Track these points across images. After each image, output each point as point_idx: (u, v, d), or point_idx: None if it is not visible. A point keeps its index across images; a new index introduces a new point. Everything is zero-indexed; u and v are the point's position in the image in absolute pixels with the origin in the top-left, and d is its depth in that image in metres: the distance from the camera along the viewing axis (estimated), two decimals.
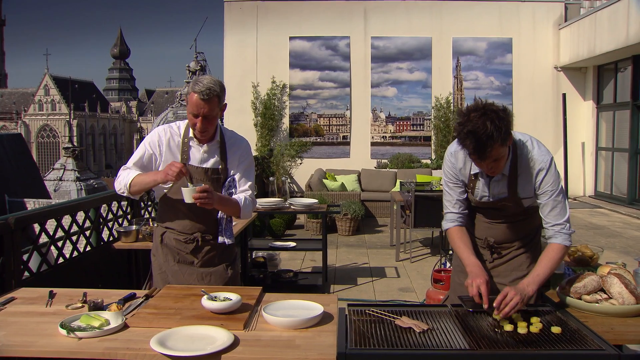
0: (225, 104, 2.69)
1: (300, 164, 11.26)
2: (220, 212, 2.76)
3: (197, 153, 2.71)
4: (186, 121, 2.74)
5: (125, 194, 2.69)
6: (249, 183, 2.80)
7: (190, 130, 2.70)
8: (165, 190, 2.74)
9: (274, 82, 12.50)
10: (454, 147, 2.54)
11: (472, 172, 2.52)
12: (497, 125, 2.17)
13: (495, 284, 2.56)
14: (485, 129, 2.16)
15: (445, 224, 2.63)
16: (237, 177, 2.77)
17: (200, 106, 2.53)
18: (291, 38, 12.66)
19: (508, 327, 2.08)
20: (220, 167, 2.73)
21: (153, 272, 2.86)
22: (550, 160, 2.42)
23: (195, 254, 2.77)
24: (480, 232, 2.68)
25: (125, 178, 2.65)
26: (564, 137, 12.16)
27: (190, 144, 2.71)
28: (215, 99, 2.56)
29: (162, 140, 2.71)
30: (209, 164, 2.72)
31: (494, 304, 2.17)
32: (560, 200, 2.42)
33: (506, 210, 2.56)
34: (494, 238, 2.63)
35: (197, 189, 2.48)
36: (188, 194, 2.49)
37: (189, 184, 2.56)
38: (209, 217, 2.75)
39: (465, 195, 2.59)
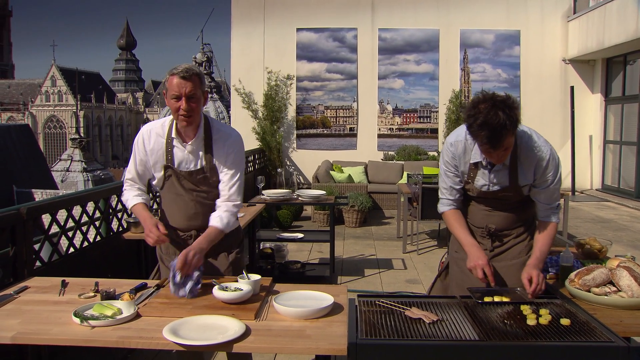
0: (207, 91, 2.59)
1: (294, 151, 11.31)
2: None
3: (180, 153, 2.61)
4: (170, 117, 2.63)
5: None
6: (235, 184, 2.66)
7: (174, 130, 2.59)
8: (157, 187, 2.75)
9: (280, 73, 12.47)
10: (453, 137, 2.63)
11: (472, 162, 2.58)
12: (507, 114, 2.23)
13: (497, 268, 2.62)
14: (498, 118, 2.22)
15: (441, 207, 2.77)
16: (222, 175, 2.65)
17: (181, 85, 2.44)
18: (298, 29, 12.63)
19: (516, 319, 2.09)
20: (205, 164, 2.63)
21: (159, 263, 2.89)
22: (550, 150, 2.50)
23: None
24: (480, 220, 2.72)
25: (127, 202, 2.73)
26: (572, 130, 12.10)
27: (174, 144, 2.60)
28: (195, 77, 2.46)
29: (146, 143, 2.64)
30: (192, 166, 2.63)
31: (529, 291, 2.35)
32: (557, 187, 2.55)
33: (507, 200, 2.61)
34: (495, 225, 2.68)
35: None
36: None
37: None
38: (202, 217, 2.68)
39: (461, 185, 2.68)
